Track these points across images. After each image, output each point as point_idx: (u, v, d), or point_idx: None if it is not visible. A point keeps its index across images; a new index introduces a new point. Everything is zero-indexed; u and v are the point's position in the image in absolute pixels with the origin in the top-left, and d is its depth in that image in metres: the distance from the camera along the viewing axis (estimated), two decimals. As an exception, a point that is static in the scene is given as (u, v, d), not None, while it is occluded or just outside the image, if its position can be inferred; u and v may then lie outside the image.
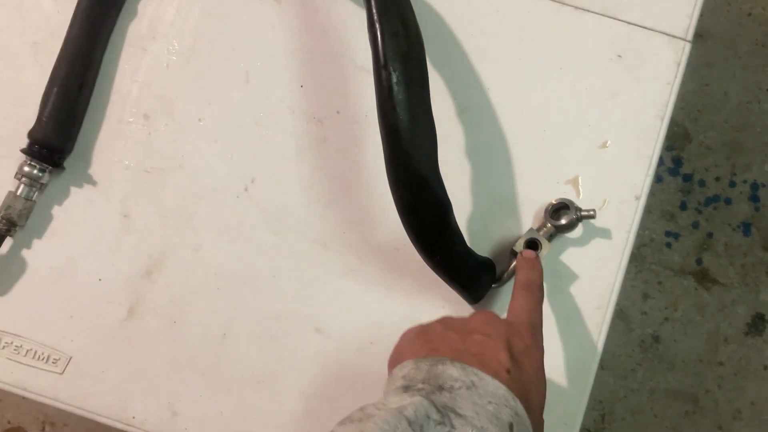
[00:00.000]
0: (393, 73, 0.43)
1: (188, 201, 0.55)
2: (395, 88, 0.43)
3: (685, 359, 1.16)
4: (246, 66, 0.56)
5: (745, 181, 1.18)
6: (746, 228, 1.18)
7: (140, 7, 0.57)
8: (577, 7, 0.56)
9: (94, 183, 0.55)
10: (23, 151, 0.53)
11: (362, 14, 0.47)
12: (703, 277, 1.17)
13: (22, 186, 0.53)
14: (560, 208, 0.53)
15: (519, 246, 0.52)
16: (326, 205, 0.55)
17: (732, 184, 1.18)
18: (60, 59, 0.54)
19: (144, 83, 0.56)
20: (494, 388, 0.38)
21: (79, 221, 0.55)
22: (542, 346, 0.45)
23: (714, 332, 1.16)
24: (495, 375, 0.39)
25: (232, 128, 0.55)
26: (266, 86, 0.56)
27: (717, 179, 1.19)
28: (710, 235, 1.18)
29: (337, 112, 0.55)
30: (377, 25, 0.45)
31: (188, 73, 0.56)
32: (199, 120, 0.56)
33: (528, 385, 0.41)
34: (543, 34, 0.56)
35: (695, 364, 1.16)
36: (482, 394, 0.37)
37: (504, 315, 0.54)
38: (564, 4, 0.56)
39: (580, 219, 0.52)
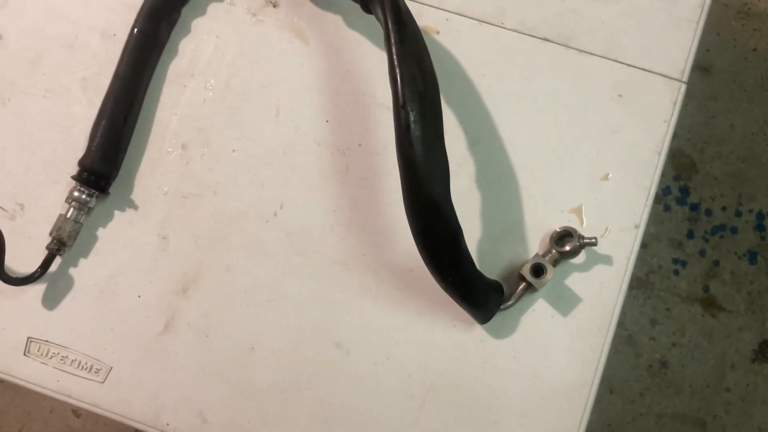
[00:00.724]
0: (411, 112, 0.48)
1: (221, 224, 0.60)
2: (412, 126, 0.48)
3: (692, 384, 1.18)
4: (276, 102, 0.61)
5: (751, 211, 1.21)
6: (752, 256, 1.20)
7: (181, 47, 0.63)
8: (580, 50, 0.61)
9: (135, 207, 0.60)
10: (73, 177, 0.58)
11: (383, 55, 0.51)
12: (710, 304, 1.20)
13: (71, 209, 0.58)
14: (564, 235, 0.57)
15: (526, 270, 0.56)
16: (347, 229, 0.59)
17: (738, 214, 1.21)
18: (108, 94, 0.60)
19: (182, 116, 0.62)
20: None
21: (121, 242, 0.60)
22: None
23: (721, 358, 1.19)
24: None
25: (262, 158, 0.60)
26: (294, 120, 0.61)
27: (723, 209, 1.22)
28: (717, 263, 1.20)
29: (359, 145, 0.60)
30: (397, 69, 0.49)
31: (223, 107, 0.61)
32: (233, 150, 0.61)
33: None
34: (549, 74, 0.61)
35: (703, 389, 1.18)
36: None
37: (514, 335, 0.58)
38: (569, 47, 0.61)
39: (582, 246, 0.56)
